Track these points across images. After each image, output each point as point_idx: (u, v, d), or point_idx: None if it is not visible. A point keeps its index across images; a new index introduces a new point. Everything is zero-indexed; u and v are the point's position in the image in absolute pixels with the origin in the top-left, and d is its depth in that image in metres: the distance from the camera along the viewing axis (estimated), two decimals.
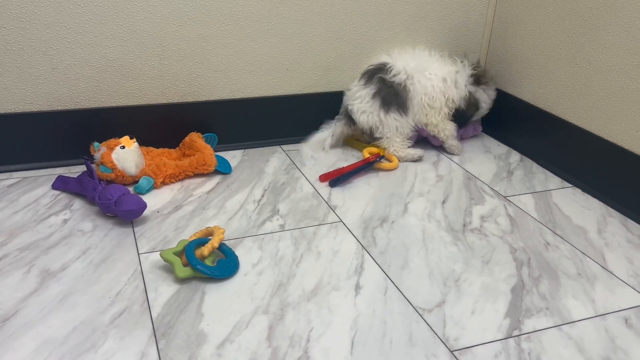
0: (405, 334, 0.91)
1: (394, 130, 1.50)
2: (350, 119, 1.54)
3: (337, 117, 1.58)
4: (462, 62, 1.58)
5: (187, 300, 0.96)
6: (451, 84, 1.54)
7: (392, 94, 1.49)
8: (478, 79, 1.59)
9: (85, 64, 1.37)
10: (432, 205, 1.31)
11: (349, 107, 1.53)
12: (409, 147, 1.53)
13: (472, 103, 1.59)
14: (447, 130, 1.55)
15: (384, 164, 1.47)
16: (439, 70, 1.53)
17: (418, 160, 1.52)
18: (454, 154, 1.58)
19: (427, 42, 1.66)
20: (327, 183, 1.38)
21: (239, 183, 1.38)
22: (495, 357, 0.87)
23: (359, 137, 1.60)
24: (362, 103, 1.50)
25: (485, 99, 1.61)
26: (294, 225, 1.20)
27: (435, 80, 1.52)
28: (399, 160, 1.50)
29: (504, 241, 1.18)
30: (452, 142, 1.57)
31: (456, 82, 1.55)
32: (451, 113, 1.56)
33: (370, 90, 1.50)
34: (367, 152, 1.50)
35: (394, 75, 1.49)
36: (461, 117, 1.58)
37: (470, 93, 1.57)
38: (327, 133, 1.55)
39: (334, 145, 1.57)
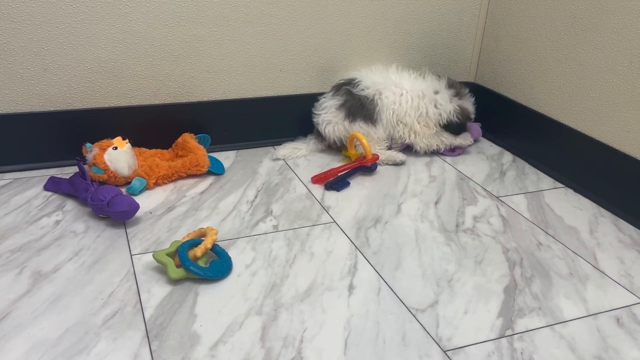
0: (399, 334, 0.91)
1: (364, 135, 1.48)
2: (320, 135, 1.54)
3: (309, 135, 1.59)
4: (438, 78, 1.58)
5: (180, 301, 0.96)
6: (429, 101, 1.52)
7: (358, 106, 1.48)
8: (458, 92, 1.58)
9: (77, 64, 1.36)
10: (425, 206, 1.31)
11: (315, 120, 1.54)
12: (389, 149, 1.53)
13: (465, 115, 1.58)
14: (447, 139, 1.56)
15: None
16: (410, 86, 1.52)
17: (400, 164, 1.51)
18: (469, 145, 1.61)
19: (419, 43, 1.67)
20: (321, 185, 1.38)
21: (232, 184, 1.38)
22: (488, 356, 0.88)
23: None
24: (327, 114, 1.51)
25: (472, 108, 1.61)
26: (287, 226, 1.20)
27: (405, 95, 1.51)
28: (380, 163, 1.51)
29: (496, 241, 1.18)
30: (458, 141, 1.57)
31: (436, 101, 1.53)
32: (432, 131, 1.55)
33: (336, 101, 1.50)
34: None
35: (362, 90, 1.49)
36: (458, 128, 1.57)
37: (462, 108, 1.56)
38: (300, 147, 1.55)
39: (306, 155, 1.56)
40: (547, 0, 1.47)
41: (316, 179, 1.39)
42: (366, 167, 1.44)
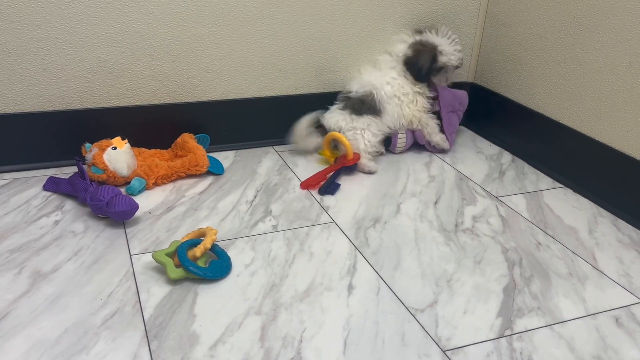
0: (398, 334, 0.91)
1: (360, 132, 1.47)
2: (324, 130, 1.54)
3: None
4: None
5: (180, 301, 0.96)
6: (399, 75, 1.55)
7: (359, 103, 1.50)
8: (419, 31, 1.57)
9: (76, 64, 1.36)
10: (425, 206, 1.31)
11: (321, 121, 1.54)
12: (369, 159, 1.48)
13: (420, 49, 1.53)
14: (428, 127, 1.57)
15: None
16: (391, 68, 1.55)
17: (369, 173, 1.46)
18: (443, 149, 1.59)
19: None
20: (312, 189, 1.36)
21: (232, 184, 1.38)
22: (487, 356, 0.88)
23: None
24: (332, 113, 1.53)
25: (443, 43, 1.53)
26: (286, 226, 1.20)
27: (393, 83, 1.53)
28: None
29: (495, 241, 1.18)
30: (436, 139, 1.57)
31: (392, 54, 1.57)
32: (426, 107, 1.57)
33: (337, 107, 1.53)
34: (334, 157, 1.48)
35: (357, 92, 1.51)
36: (417, 70, 1.53)
37: (416, 41, 1.54)
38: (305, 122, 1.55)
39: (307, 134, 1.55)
40: (546, 0, 1.47)
41: (305, 184, 1.37)
42: (349, 166, 1.43)
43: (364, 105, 1.50)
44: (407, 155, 1.57)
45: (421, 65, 1.53)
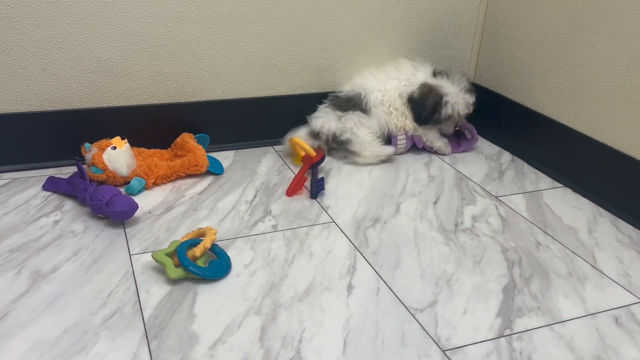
0: (398, 334, 0.91)
1: (356, 127, 1.47)
2: (315, 134, 1.52)
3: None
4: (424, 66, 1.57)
5: (179, 301, 0.96)
6: (404, 85, 1.54)
7: (346, 101, 1.51)
8: (438, 73, 1.54)
9: (76, 64, 1.36)
10: (424, 206, 1.31)
11: (309, 122, 1.53)
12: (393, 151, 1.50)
13: (427, 93, 1.50)
14: (428, 134, 1.56)
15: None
16: (390, 78, 1.55)
17: (441, 153, 1.50)
18: (445, 154, 1.59)
19: (418, 43, 1.67)
20: (299, 194, 1.34)
21: (231, 184, 1.38)
22: (487, 356, 0.88)
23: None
24: (318, 113, 1.53)
25: (453, 92, 1.49)
26: (286, 226, 1.20)
27: (389, 85, 1.53)
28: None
29: (495, 241, 1.18)
30: (438, 145, 1.57)
31: (411, 83, 1.53)
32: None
33: (325, 106, 1.54)
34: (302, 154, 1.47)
35: (347, 92, 1.53)
36: (418, 113, 1.52)
37: (427, 83, 1.51)
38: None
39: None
40: (546, 0, 1.47)
41: (291, 191, 1.34)
42: (315, 163, 1.40)
43: (349, 103, 1.51)
44: (407, 155, 1.57)
45: (422, 109, 1.51)
